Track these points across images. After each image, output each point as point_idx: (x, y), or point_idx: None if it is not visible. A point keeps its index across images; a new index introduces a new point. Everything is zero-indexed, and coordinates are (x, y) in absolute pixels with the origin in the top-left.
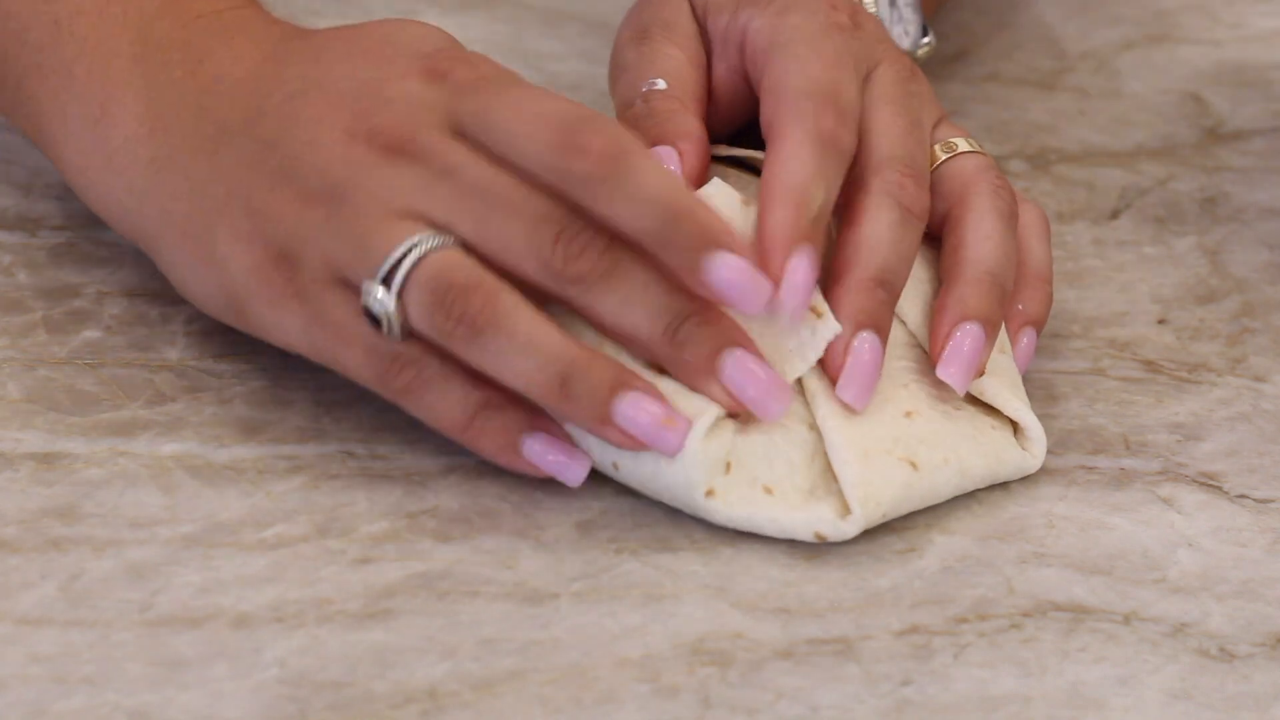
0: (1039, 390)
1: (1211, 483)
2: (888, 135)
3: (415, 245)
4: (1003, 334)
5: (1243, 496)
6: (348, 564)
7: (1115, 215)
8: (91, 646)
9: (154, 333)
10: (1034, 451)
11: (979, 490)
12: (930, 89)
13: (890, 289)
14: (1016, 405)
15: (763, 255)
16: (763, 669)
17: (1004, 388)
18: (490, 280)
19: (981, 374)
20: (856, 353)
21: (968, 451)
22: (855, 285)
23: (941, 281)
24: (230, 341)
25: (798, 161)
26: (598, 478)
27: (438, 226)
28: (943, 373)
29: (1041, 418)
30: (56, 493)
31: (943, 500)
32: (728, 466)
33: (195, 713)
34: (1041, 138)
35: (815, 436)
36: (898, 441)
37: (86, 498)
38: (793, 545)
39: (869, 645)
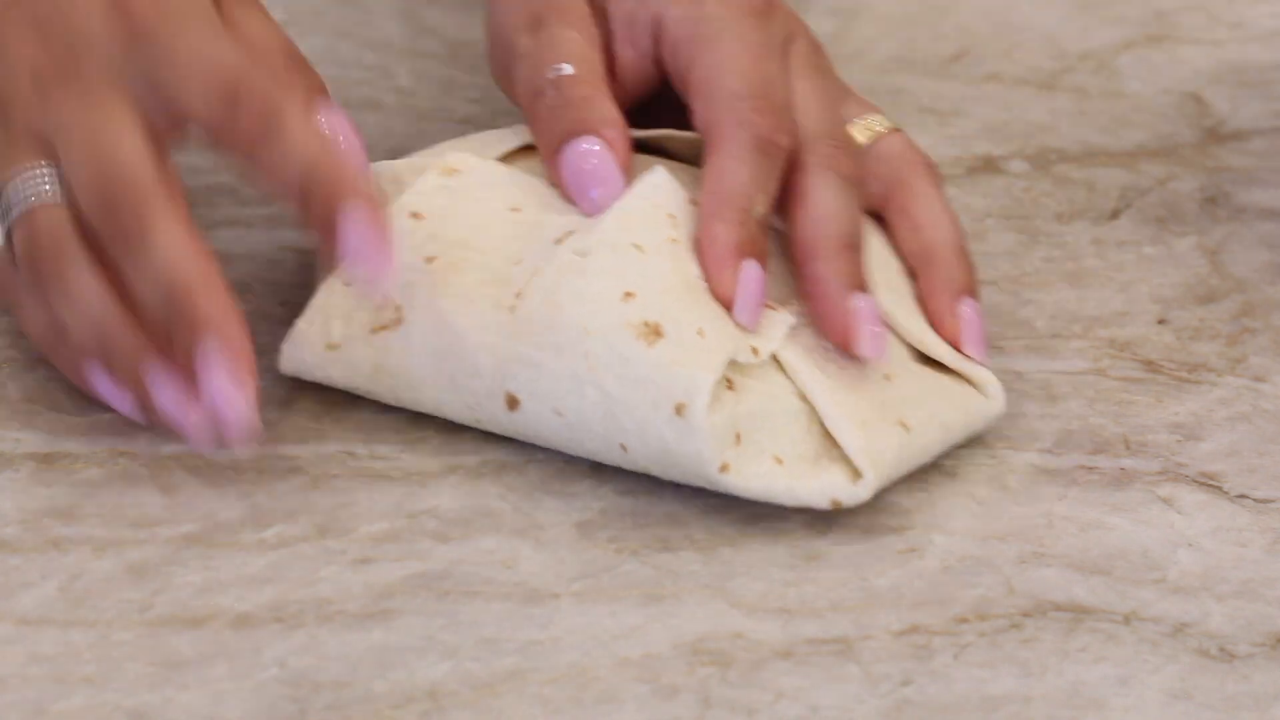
0: (1039, 390)
1: (1211, 483)
2: (813, 111)
3: (32, 193)
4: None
5: (1243, 496)
6: (348, 564)
7: (1115, 215)
8: (91, 646)
9: None
10: (994, 395)
11: (979, 490)
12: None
13: (859, 250)
14: (967, 365)
15: (710, 268)
16: (763, 669)
17: (946, 346)
18: (69, 248)
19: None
20: (859, 314)
21: (945, 407)
22: (832, 254)
23: (914, 264)
24: None
25: (738, 171)
26: (598, 477)
27: (60, 172)
28: (970, 350)
29: (1041, 418)
30: (56, 493)
31: (930, 459)
32: (738, 438)
33: (195, 713)
34: (1041, 138)
35: (806, 406)
36: (886, 406)
37: (86, 498)
38: (793, 545)
39: (869, 645)
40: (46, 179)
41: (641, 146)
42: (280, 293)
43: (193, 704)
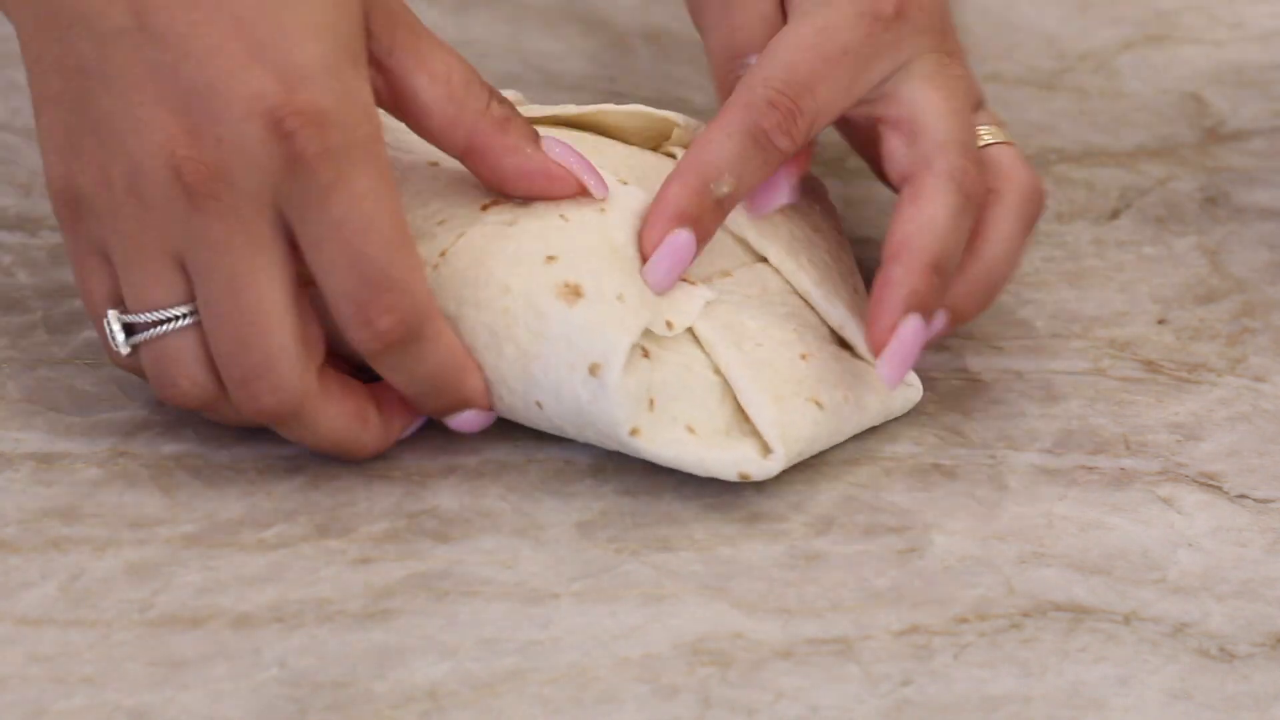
0: (1039, 390)
1: (1211, 483)
2: (942, 120)
3: (164, 321)
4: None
5: (1243, 496)
6: (348, 564)
7: (1115, 215)
8: (91, 646)
9: None
10: (912, 383)
11: (979, 490)
12: (971, 73)
13: (944, 275)
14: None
15: (647, 221)
16: (763, 669)
17: (861, 337)
18: (205, 392)
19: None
20: (902, 335)
21: (861, 389)
22: (917, 267)
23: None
24: None
25: (721, 147)
26: (598, 477)
27: (194, 296)
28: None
29: (1041, 418)
30: (56, 493)
31: (846, 438)
32: (651, 404)
33: (195, 713)
34: (1041, 138)
35: (721, 380)
36: (801, 383)
37: (86, 498)
38: (793, 545)
39: (869, 645)
40: (181, 314)
41: (576, 124)
42: None
43: (193, 704)
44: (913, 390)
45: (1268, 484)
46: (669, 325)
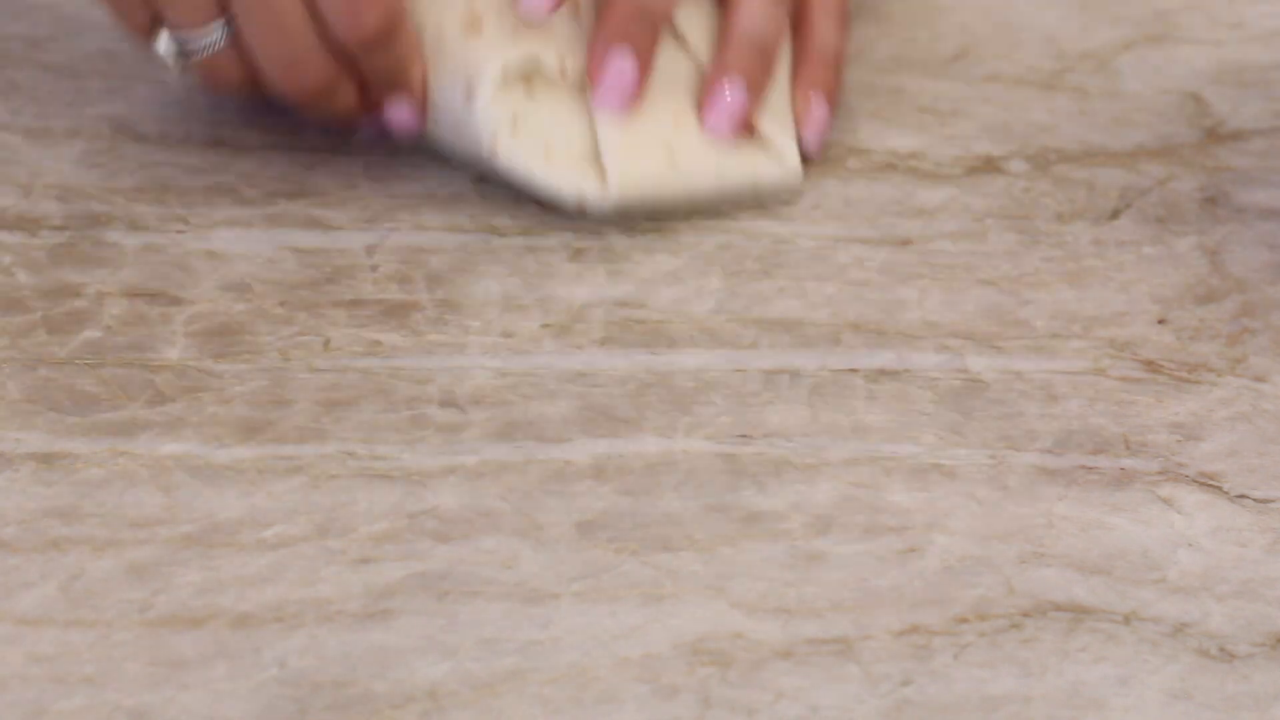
0: (1039, 390)
1: (1211, 483)
2: None
3: (206, 40)
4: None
5: (1243, 496)
6: (348, 564)
7: (1115, 215)
8: (91, 646)
9: (154, 333)
10: (787, 160)
11: (979, 490)
12: None
13: (769, 57)
14: (768, 124)
15: (589, 50)
16: (763, 669)
17: (764, 114)
18: (249, 85)
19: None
20: (729, 103)
21: (726, 155)
22: (739, 50)
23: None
24: (230, 341)
25: None
26: (598, 477)
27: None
28: (806, 133)
29: (1041, 418)
30: (56, 493)
31: (701, 200)
32: (515, 126)
33: (195, 713)
34: (1041, 138)
35: (593, 124)
36: (659, 132)
37: (86, 498)
38: (793, 545)
39: (869, 645)
40: (219, 26)
41: None
42: (280, 293)
43: (193, 704)
44: (785, 168)
45: (1268, 484)
46: (562, 69)
